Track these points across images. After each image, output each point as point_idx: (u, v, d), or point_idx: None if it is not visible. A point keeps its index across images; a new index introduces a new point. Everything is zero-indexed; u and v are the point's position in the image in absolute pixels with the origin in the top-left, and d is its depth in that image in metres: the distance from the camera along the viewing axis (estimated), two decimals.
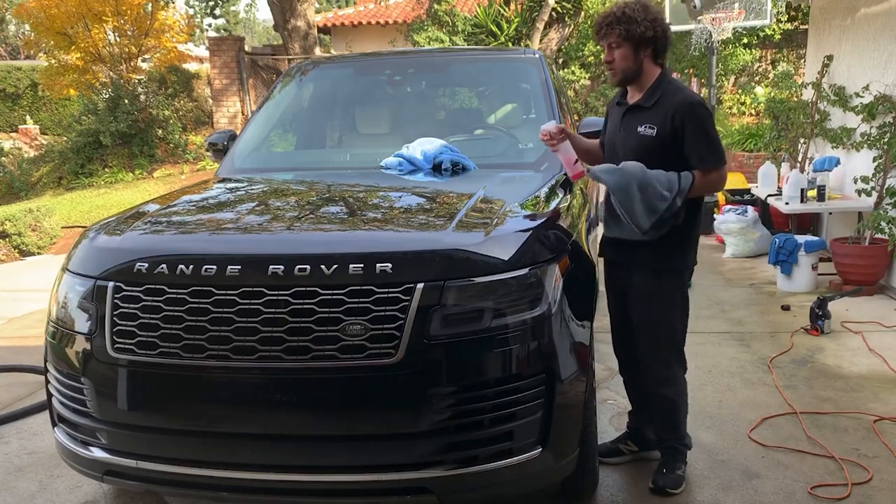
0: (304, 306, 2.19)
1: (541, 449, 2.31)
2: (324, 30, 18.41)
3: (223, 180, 3.61)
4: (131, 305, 2.33)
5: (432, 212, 2.86)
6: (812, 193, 6.28)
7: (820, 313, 4.75)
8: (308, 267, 2.23)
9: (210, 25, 36.83)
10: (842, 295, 5.15)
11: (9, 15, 27.88)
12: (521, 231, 2.45)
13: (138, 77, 13.83)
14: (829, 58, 6.89)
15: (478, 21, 13.77)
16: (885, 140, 5.74)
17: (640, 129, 2.75)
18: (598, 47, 3.53)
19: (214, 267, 2.28)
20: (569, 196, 3.02)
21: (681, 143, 2.71)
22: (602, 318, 3.11)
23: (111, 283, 2.37)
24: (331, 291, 2.19)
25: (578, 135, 3.23)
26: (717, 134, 2.71)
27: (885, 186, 5.70)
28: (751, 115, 12.63)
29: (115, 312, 2.34)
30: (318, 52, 14.18)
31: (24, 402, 4.03)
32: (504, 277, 2.28)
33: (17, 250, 9.09)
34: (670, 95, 2.72)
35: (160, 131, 13.35)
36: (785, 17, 12.16)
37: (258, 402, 2.28)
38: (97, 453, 2.44)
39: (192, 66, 16.09)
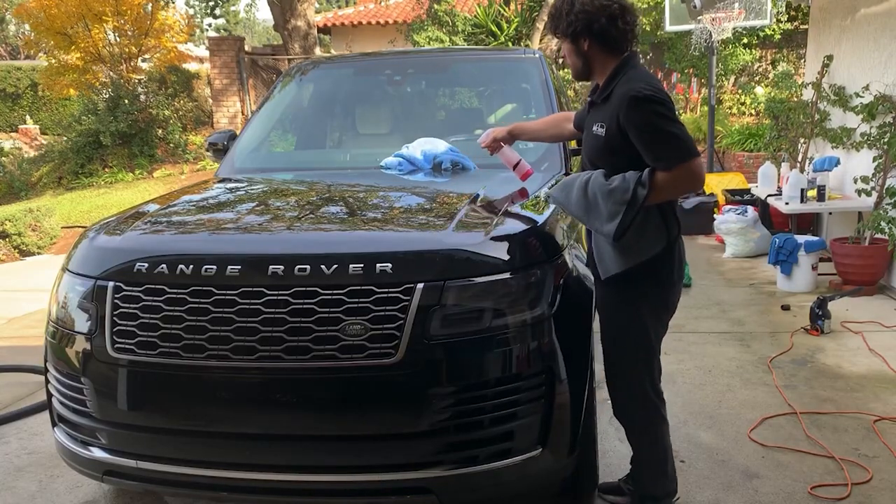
0: (304, 306, 2.19)
1: (541, 449, 2.31)
2: (324, 30, 18.41)
3: (223, 180, 3.61)
4: (131, 305, 2.32)
5: (432, 212, 2.86)
6: (812, 193, 6.28)
7: (820, 313, 4.75)
8: (308, 267, 2.23)
9: (210, 25, 36.85)
10: (842, 295, 5.15)
11: (9, 15, 27.88)
12: (521, 231, 2.45)
13: (138, 77, 13.82)
14: (829, 58, 6.89)
15: (478, 21, 13.78)
16: (885, 140, 5.74)
17: (594, 128, 2.48)
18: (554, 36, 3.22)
19: (214, 267, 2.28)
20: None
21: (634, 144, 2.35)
22: None
23: (111, 283, 2.37)
24: (331, 291, 2.19)
25: (527, 124, 3.09)
26: (674, 126, 2.28)
27: (885, 186, 5.70)
28: (751, 115, 12.64)
29: (115, 312, 2.34)
30: (318, 52, 14.19)
31: (24, 402, 4.03)
32: (504, 277, 2.28)
33: (17, 250, 9.09)
34: (619, 87, 2.37)
35: (160, 131, 13.35)
36: (785, 17, 12.17)
37: (258, 402, 2.28)
38: (97, 453, 2.44)
39: (192, 66, 16.09)
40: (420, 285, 2.19)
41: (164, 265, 2.33)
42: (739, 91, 12.93)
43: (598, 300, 2.61)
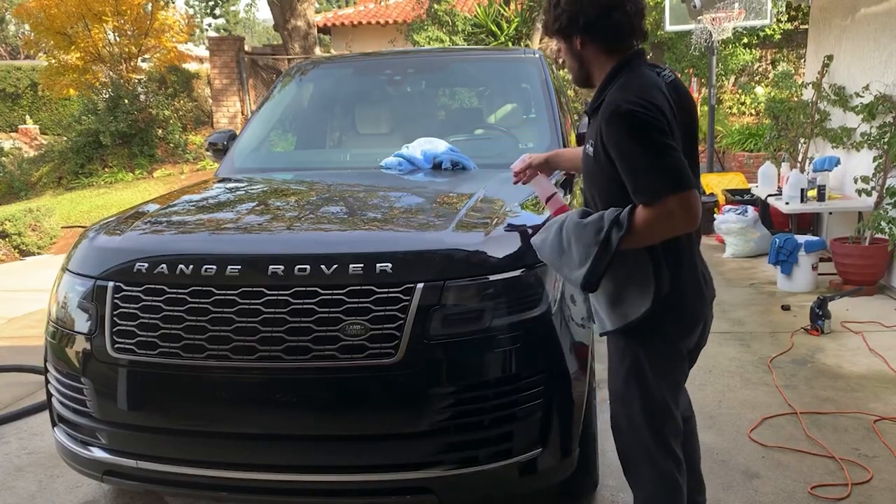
0: (304, 306, 2.19)
1: (541, 449, 2.31)
2: (324, 30, 18.41)
3: (223, 180, 3.61)
4: (131, 305, 2.32)
5: (432, 212, 2.86)
6: (812, 193, 6.28)
7: (820, 313, 4.75)
8: (308, 267, 2.23)
9: (210, 25, 36.87)
10: (842, 295, 5.15)
11: (9, 15, 27.87)
12: (520, 231, 2.45)
13: (138, 77, 13.83)
14: (829, 58, 6.89)
15: (478, 21, 13.77)
16: (885, 140, 5.74)
17: (587, 146, 2.07)
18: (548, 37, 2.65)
19: (214, 267, 2.28)
20: (569, 196, 3.01)
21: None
22: None
23: (111, 283, 2.37)
24: (331, 291, 2.19)
25: (565, 151, 2.67)
26: (659, 151, 1.84)
27: (885, 186, 5.69)
28: (751, 115, 12.64)
29: (114, 312, 2.34)
30: (318, 52, 14.19)
31: (24, 402, 4.03)
32: (504, 277, 2.28)
33: (17, 250, 9.10)
34: (609, 96, 1.96)
35: (160, 131, 13.36)
36: (785, 17, 12.16)
37: (258, 402, 2.28)
38: (97, 453, 2.44)
39: (192, 66, 16.09)
40: (420, 285, 2.19)
41: (163, 265, 2.33)
42: (739, 91, 12.93)
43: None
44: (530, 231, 2.46)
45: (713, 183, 8.68)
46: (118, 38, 13.60)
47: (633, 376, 2.09)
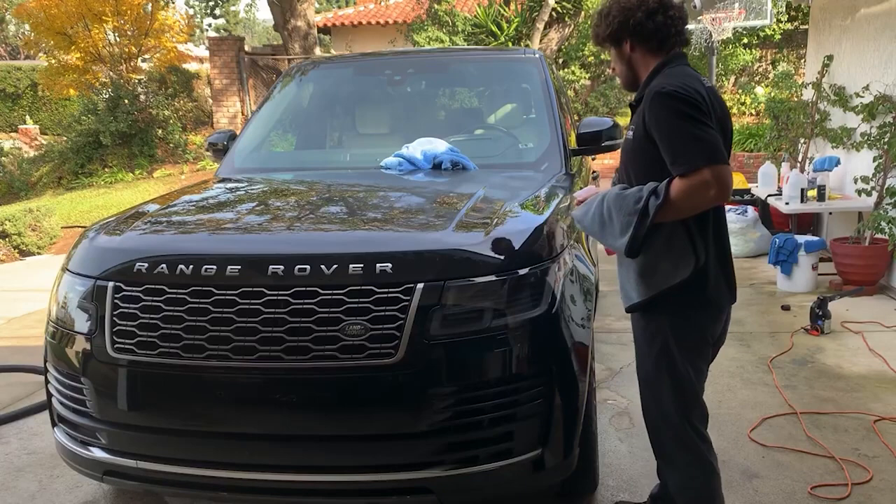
0: (304, 306, 2.19)
1: (541, 449, 2.31)
2: (324, 30, 18.42)
3: (223, 180, 3.61)
4: (131, 305, 2.32)
5: (432, 212, 2.85)
6: (812, 193, 6.28)
7: (820, 313, 4.75)
8: (308, 267, 2.23)
9: (210, 25, 36.90)
10: (842, 295, 5.15)
11: (9, 15, 27.88)
12: (521, 231, 2.44)
13: (138, 77, 13.82)
14: (829, 58, 6.89)
15: (478, 21, 13.78)
16: (885, 140, 5.74)
17: (628, 132, 2.30)
18: (598, 47, 3.09)
19: (214, 267, 2.28)
20: (569, 196, 3.01)
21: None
22: (602, 318, 3.10)
23: (111, 283, 2.37)
24: (331, 291, 2.19)
25: None
26: (697, 127, 2.01)
27: (885, 186, 5.70)
28: (751, 115, 12.64)
29: (114, 312, 2.34)
30: (318, 52, 14.18)
31: (24, 402, 4.03)
32: (504, 277, 2.28)
33: (17, 250, 9.09)
34: (652, 84, 2.19)
35: (160, 131, 13.35)
36: (785, 17, 12.17)
37: (258, 402, 2.28)
38: (97, 453, 2.44)
39: (192, 66, 16.09)
40: (420, 285, 2.19)
41: (163, 265, 2.33)
42: (739, 91, 12.93)
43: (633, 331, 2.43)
44: (530, 231, 2.46)
45: None
46: (118, 39, 13.59)
47: (664, 360, 2.24)
